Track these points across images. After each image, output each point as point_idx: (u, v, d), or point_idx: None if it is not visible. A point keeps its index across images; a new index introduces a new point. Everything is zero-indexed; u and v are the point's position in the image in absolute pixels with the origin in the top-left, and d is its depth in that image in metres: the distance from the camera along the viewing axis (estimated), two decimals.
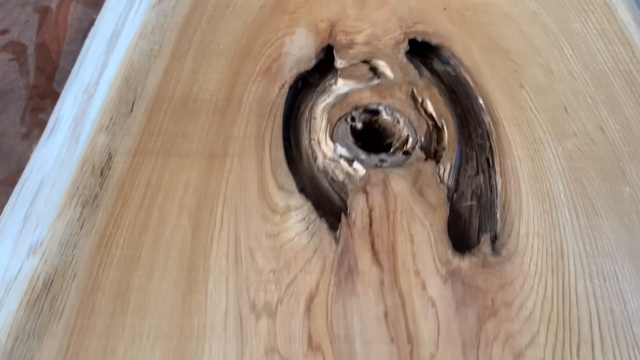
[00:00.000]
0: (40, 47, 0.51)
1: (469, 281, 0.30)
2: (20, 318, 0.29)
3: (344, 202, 0.34)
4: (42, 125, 0.44)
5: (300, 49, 0.42)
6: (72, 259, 0.31)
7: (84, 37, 0.50)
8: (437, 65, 0.43)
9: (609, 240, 0.32)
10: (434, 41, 0.43)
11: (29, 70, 0.48)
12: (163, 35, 0.43)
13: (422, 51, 0.43)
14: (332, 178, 0.36)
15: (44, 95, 0.48)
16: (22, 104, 0.48)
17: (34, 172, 0.39)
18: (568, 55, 0.42)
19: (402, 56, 0.42)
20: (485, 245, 0.32)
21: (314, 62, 0.41)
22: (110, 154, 0.36)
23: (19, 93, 0.48)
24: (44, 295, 0.30)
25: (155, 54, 0.42)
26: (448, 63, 0.42)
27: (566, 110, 0.38)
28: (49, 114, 0.45)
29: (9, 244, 0.34)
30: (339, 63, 0.41)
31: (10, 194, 0.40)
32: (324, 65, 0.42)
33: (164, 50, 0.42)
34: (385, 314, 0.29)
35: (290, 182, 0.34)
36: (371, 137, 0.38)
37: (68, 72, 0.47)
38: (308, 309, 0.29)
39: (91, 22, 0.51)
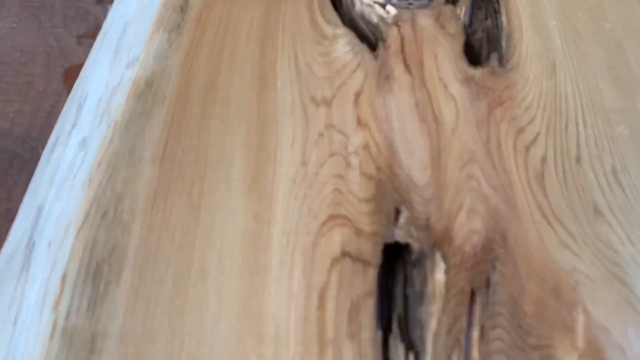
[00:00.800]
0: None
1: (482, 83, 0.39)
2: (130, 105, 0.37)
3: (379, 41, 0.42)
4: None
5: None
6: (167, 67, 0.39)
7: None
8: None
9: (591, 60, 0.40)
10: None
11: None
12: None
13: None
14: (368, 21, 0.44)
15: None
16: None
17: (116, 21, 0.46)
18: None
19: None
20: (493, 60, 0.40)
21: None
22: None
23: None
24: (147, 91, 0.37)
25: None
26: None
27: None
28: None
29: (104, 66, 0.42)
30: None
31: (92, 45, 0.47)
32: None
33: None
34: (416, 104, 0.37)
35: (335, 18, 0.42)
36: None
37: None
38: (356, 101, 0.38)
39: None
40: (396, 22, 0.42)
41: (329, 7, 0.43)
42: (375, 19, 0.43)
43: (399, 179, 0.34)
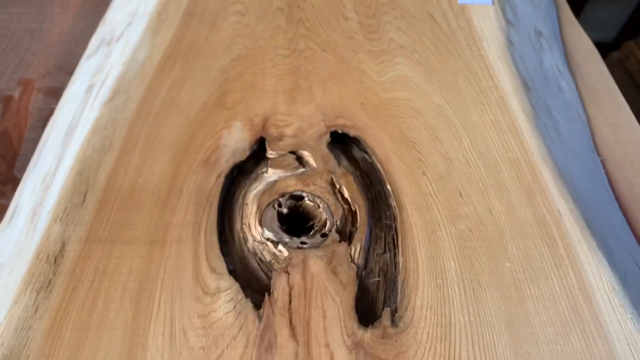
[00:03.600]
0: (3, 135, 0.56)
1: (371, 351, 0.36)
2: None
3: (270, 280, 0.40)
4: (3, 210, 0.49)
5: (236, 142, 0.48)
6: (27, 341, 0.35)
7: (44, 126, 0.55)
8: (356, 153, 0.50)
9: (489, 311, 0.38)
10: (352, 133, 0.49)
11: None
12: (114, 131, 0.48)
13: (343, 140, 0.50)
14: (260, 259, 0.41)
15: (5, 181, 0.52)
16: None
17: None
18: (466, 145, 0.49)
19: (324, 147, 0.48)
20: (385, 318, 0.37)
21: (248, 153, 0.47)
22: (63, 242, 0.41)
23: None
24: None
25: (107, 148, 0.47)
26: (365, 151, 0.49)
27: (461, 195, 0.45)
28: (9, 199, 0.50)
29: None
30: (270, 154, 0.47)
31: None
32: (257, 154, 0.48)
33: (114, 144, 0.47)
34: None
35: (221, 265, 0.40)
36: (296, 219, 0.44)
37: (28, 160, 0.52)
38: None
39: (51, 112, 0.56)
40: (286, 267, 0.40)
41: (216, 250, 0.40)
42: (268, 257, 0.41)
43: None
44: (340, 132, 0.50)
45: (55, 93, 0.60)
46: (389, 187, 0.45)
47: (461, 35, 0.60)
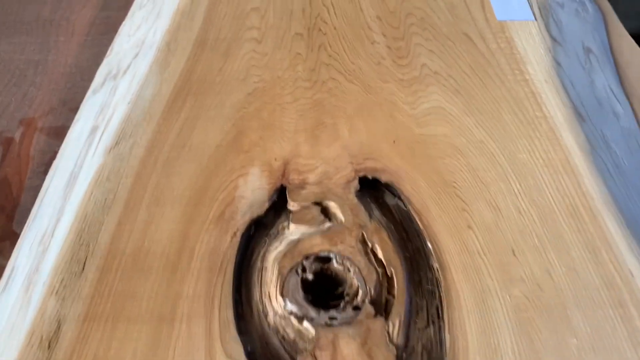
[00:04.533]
0: (2, 183, 0.51)
1: None
2: None
3: None
4: (0, 269, 0.44)
5: (253, 192, 0.43)
6: None
7: (46, 171, 0.50)
8: (389, 199, 0.44)
9: None
10: (384, 178, 0.44)
11: None
12: (118, 182, 0.44)
13: (373, 184, 0.44)
14: (283, 337, 0.36)
15: (3, 236, 0.48)
16: None
17: None
18: (515, 189, 0.43)
19: (352, 196, 0.42)
20: None
21: (267, 205, 0.42)
22: (59, 321, 0.36)
23: None
24: None
25: (109, 204, 0.42)
26: (399, 197, 0.43)
27: (513, 253, 0.39)
28: (7, 257, 0.45)
29: None
30: (291, 206, 0.42)
31: None
32: (277, 205, 0.43)
33: (118, 199, 0.42)
34: None
35: (238, 349, 0.34)
36: (323, 285, 0.39)
37: (28, 211, 0.47)
38: None
39: (53, 155, 0.52)
40: (313, 350, 0.34)
41: (232, 331, 0.35)
42: (292, 334, 0.36)
43: None
44: (370, 177, 0.44)
45: (58, 133, 0.56)
46: (429, 244, 0.39)
47: (502, 57, 0.53)
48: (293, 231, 0.40)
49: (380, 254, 0.39)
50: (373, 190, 0.44)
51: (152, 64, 0.53)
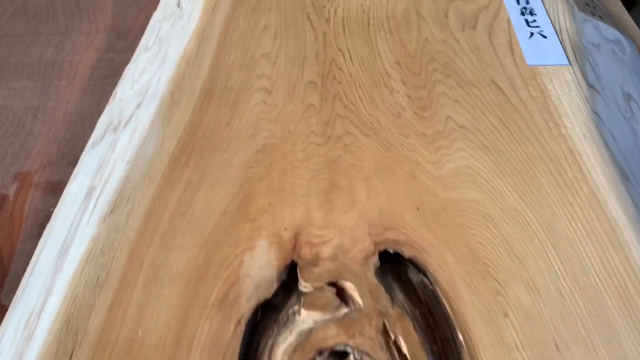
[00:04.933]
0: None
1: None
2: None
3: None
4: None
5: (260, 269, 0.38)
6: None
7: (39, 234, 0.47)
8: (413, 275, 0.39)
9: None
10: (407, 253, 0.39)
11: None
12: (112, 257, 0.39)
13: (395, 258, 0.40)
14: None
15: None
16: None
17: None
18: (555, 267, 0.38)
19: (371, 275, 0.38)
20: None
21: (275, 286, 0.38)
22: None
23: None
24: None
25: (102, 283, 0.38)
26: (424, 273, 0.39)
27: (557, 347, 0.34)
28: None
29: None
30: (303, 286, 0.37)
31: None
32: (287, 284, 0.38)
33: (111, 277, 0.38)
34: None
35: None
36: None
37: (18, 280, 0.44)
38: None
39: (48, 215, 0.48)
40: None
41: None
42: None
43: None
44: (391, 251, 0.39)
45: (55, 190, 0.52)
46: (460, 336, 0.35)
47: (534, 108, 0.48)
48: (305, 318, 0.36)
49: (404, 348, 0.34)
50: (395, 264, 0.39)
51: (154, 117, 0.49)
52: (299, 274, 0.38)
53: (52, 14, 0.71)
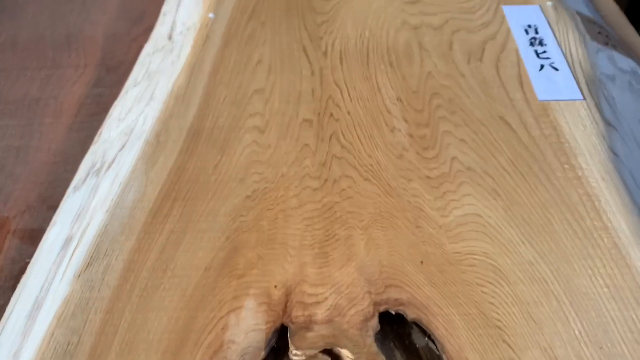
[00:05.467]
0: None
1: None
2: None
3: None
4: None
5: (247, 334, 0.35)
6: None
7: (14, 287, 0.43)
8: (417, 339, 0.35)
9: None
10: (410, 314, 0.35)
11: None
12: (85, 319, 0.36)
13: (397, 319, 0.36)
14: None
15: None
16: None
17: None
18: (576, 330, 0.34)
19: (371, 341, 0.34)
20: None
21: (263, 354, 0.34)
22: None
23: None
24: None
25: (72, 351, 0.34)
26: (429, 337, 0.35)
27: None
28: None
29: None
30: (294, 355, 0.34)
31: None
32: (277, 351, 0.35)
33: (82, 344, 0.35)
34: None
35: None
36: None
37: None
38: None
39: (24, 266, 0.45)
40: None
41: None
42: None
43: None
44: (393, 312, 0.35)
45: (33, 237, 0.49)
46: None
47: (547, 147, 0.45)
48: None
49: None
50: (397, 327, 0.35)
51: (137, 161, 0.46)
52: (289, 340, 0.34)
53: (41, 48, 0.69)
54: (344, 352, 0.33)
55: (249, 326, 0.35)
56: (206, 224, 0.41)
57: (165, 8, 0.71)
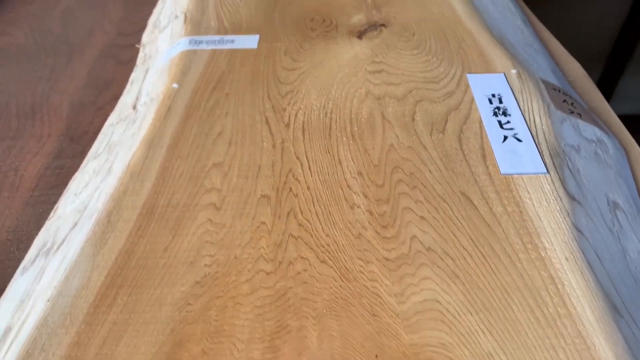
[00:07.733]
0: None
1: None
2: None
3: None
4: None
5: None
6: None
7: None
8: None
9: None
10: None
11: None
12: None
13: None
14: None
15: None
16: None
17: None
18: None
19: None
20: None
21: None
22: None
23: None
24: None
25: None
26: None
27: None
28: None
29: None
30: None
31: None
32: None
33: None
34: None
35: None
36: None
37: None
38: None
39: None
40: None
41: None
42: None
43: None
44: None
45: None
46: None
47: (510, 225, 0.43)
48: None
49: None
50: None
51: (85, 243, 0.44)
52: None
53: (5, 117, 0.68)
54: None
55: None
56: (151, 315, 0.39)
57: (133, 76, 0.70)
